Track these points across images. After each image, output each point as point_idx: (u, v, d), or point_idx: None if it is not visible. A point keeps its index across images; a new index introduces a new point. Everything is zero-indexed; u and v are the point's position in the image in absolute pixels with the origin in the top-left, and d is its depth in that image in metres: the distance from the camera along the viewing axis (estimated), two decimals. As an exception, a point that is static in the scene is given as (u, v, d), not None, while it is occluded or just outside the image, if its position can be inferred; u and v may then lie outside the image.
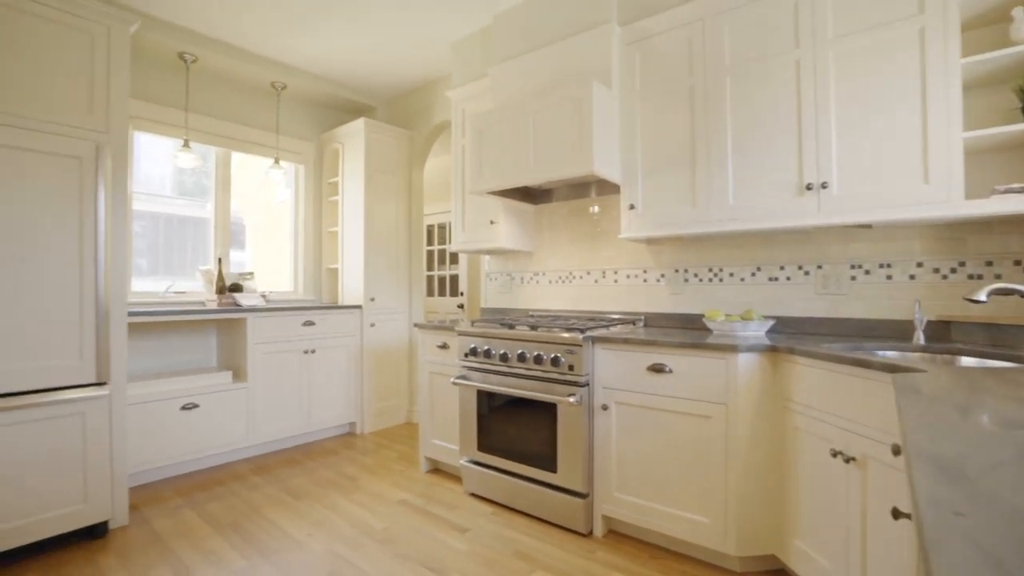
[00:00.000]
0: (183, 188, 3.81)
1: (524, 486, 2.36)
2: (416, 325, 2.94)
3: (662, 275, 2.60)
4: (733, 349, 1.81)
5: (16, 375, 1.99)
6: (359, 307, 3.69)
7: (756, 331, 2.10)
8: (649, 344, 2.00)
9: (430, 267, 5.82)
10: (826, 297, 2.16)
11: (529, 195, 2.89)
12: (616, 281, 2.77)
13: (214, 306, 3.17)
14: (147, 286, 3.32)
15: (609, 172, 2.32)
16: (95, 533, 2.23)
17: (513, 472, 2.42)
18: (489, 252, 3.17)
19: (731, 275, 2.40)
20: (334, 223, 4.08)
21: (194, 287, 3.46)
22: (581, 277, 2.91)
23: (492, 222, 2.86)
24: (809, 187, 1.90)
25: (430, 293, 5.82)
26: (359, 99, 4.05)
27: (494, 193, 2.68)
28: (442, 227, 5.74)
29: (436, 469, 3.00)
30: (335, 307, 3.57)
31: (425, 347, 2.91)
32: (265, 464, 3.12)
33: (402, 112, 4.17)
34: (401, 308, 3.99)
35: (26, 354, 2.01)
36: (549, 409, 2.26)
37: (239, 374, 3.18)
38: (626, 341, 2.06)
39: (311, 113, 4.12)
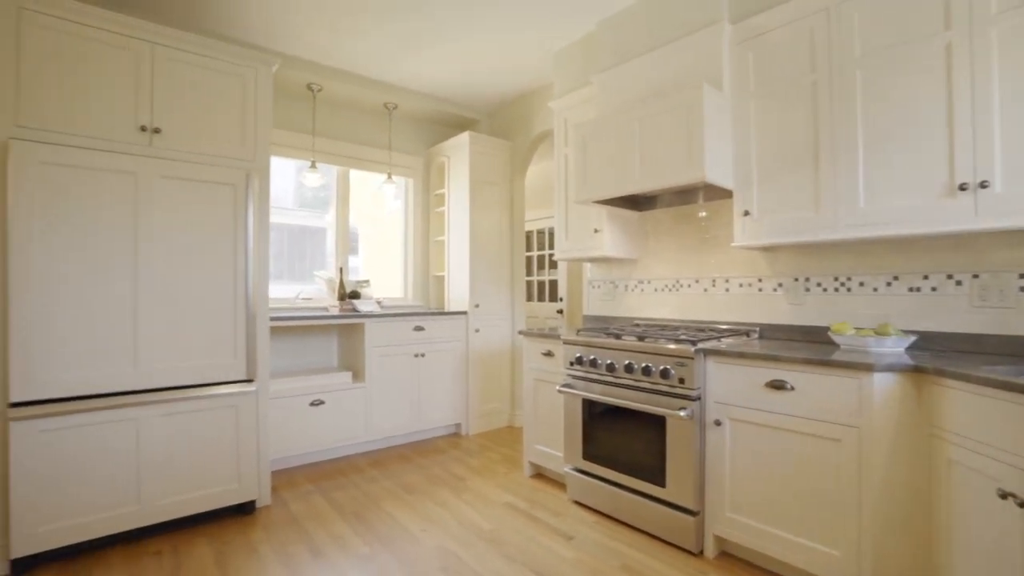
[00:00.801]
0: (303, 200, 4.24)
1: (630, 498, 2.32)
2: (521, 333, 3.01)
3: (779, 284, 2.44)
4: (868, 368, 1.66)
5: (188, 371, 2.34)
6: (464, 313, 3.86)
7: (894, 348, 1.89)
8: (768, 359, 1.89)
9: (529, 272, 5.92)
10: (985, 311, 1.89)
11: (633, 202, 2.85)
12: (727, 290, 2.64)
13: (336, 312, 3.49)
14: (274, 292, 3.73)
15: (721, 178, 2.22)
16: (245, 510, 2.55)
17: (618, 483, 2.40)
18: (593, 260, 3.17)
19: (861, 285, 2.19)
20: (440, 232, 4.30)
21: (309, 290, 3.82)
22: (689, 285, 2.81)
23: (596, 230, 2.86)
24: (963, 187, 1.69)
25: (529, 298, 5.92)
26: (463, 113, 4.24)
27: (598, 202, 2.67)
28: (541, 232, 5.81)
29: (539, 474, 3.05)
30: (443, 313, 3.76)
31: (530, 354, 2.98)
32: (380, 459, 3.37)
33: (503, 123, 4.30)
34: (504, 314, 4.10)
35: (196, 353, 2.36)
36: (657, 422, 2.21)
37: (358, 374, 3.46)
38: (742, 355, 1.96)
39: (419, 129, 4.38)
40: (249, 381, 2.49)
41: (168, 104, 2.37)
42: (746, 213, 2.25)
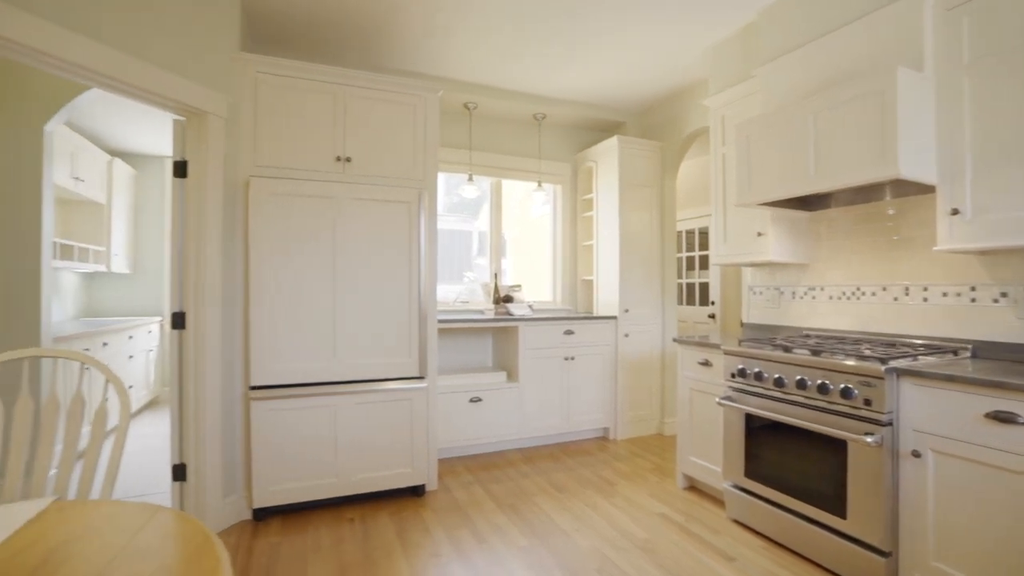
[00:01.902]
0: (449, 206, 4.59)
1: (801, 525, 2.14)
2: (676, 340, 2.93)
3: (1002, 294, 2.03)
4: None
5: (373, 367, 2.70)
6: (614, 318, 3.86)
7: None
8: (992, 385, 1.60)
9: (677, 275, 5.69)
10: None
11: (803, 202, 2.59)
12: (925, 299, 2.28)
13: (491, 315, 3.73)
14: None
15: (920, 173, 1.93)
16: (417, 492, 2.86)
17: (787, 507, 2.22)
18: (755, 265, 2.96)
19: None
20: (588, 237, 4.35)
21: (458, 290, 4.11)
22: (874, 293, 2.48)
23: (759, 234, 2.67)
24: None
25: (677, 301, 5.69)
26: (610, 117, 4.23)
27: (763, 204, 2.49)
28: (691, 232, 5.55)
29: (693, 487, 2.94)
30: (592, 317, 3.81)
31: (685, 362, 2.88)
32: (531, 456, 3.53)
33: (652, 124, 4.20)
34: (654, 319, 4.01)
35: (379, 352, 2.71)
36: (836, 445, 2.00)
37: (512, 375, 3.66)
38: (951, 378, 1.69)
39: (567, 136, 4.47)
40: (421, 378, 2.79)
41: (356, 136, 2.76)
42: (955, 212, 1.92)
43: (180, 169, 2.44)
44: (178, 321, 2.41)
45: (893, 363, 1.86)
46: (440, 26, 2.93)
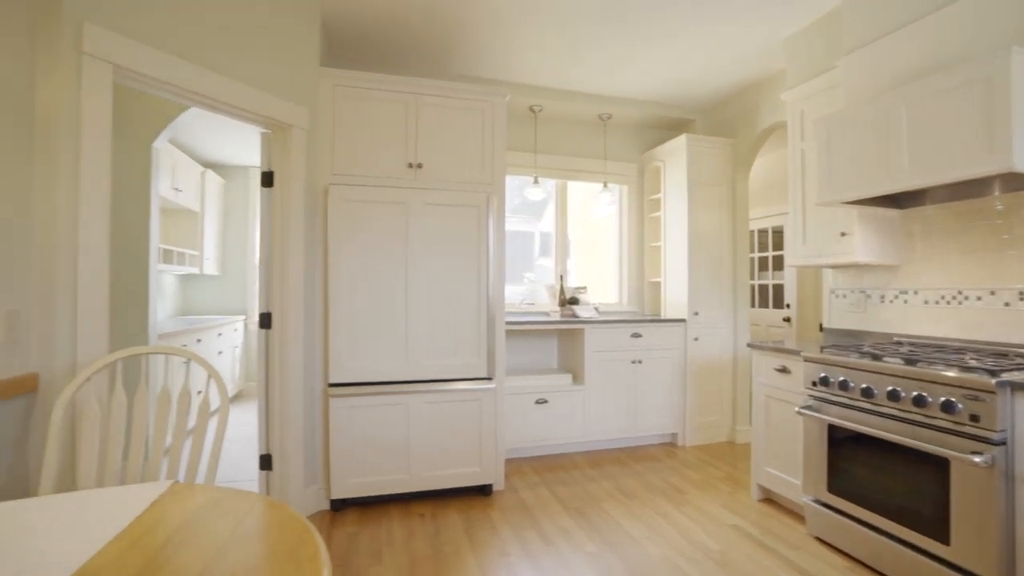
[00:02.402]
0: (511, 207, 4.61)
1: (892, 547, 1.99)
2: (750, 345, 2.81)
3: None
4: None
5: (443, 367, 2.77)
6: (683, 321, 3.75)
7: None
8: (1123, 402, 1.42)
9: (750, 276, 5.44)
10: None
11: (893, 200, 2.41)
12: (1043, 304, 2.06)
13: (557, 317, 3.73)
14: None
15: (1038, 163, 1.75)
16: (484, 491, 2.91)
17: (875, 526, 2.07)
18: (837, 267, 2.78)
19: None
20: (656, 238, 4.25)
21: (521, 291, 4.13)
22: (979, 298, 2.26)
23: (843, 234, 2.51)
24: None
25: (750, 303, 5.44)
26: (677, 115, 4.11)
27: (848, 202, 2.34)
28: (763, 232, 5.29)
29: (769, 499, 2.81)
30: (660, 320, 3.72)
31: (760, 368, 2.76)
32: (597, 459, 3.49)
33: (722, 121, 4.04)
34: (725, 322, 3.86)
35: (448, 353, 2.79)
36: (936, 463, 1.84)
37: (577, 377, 3.64)
38: (1075, 394, 1.52)
39: (632, 136, 4.39)
40: (489, 379, 2.84)
41: (427, 143, 2.85)
42: (1081, 207, 1.72)
43: (267, 179, 2.62)
44: (265, 321, 2.58)
45: (1006, 376, 1.69)
46: (506, 31, 2.97)
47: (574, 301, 3.84)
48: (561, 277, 4.01)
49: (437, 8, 2.74)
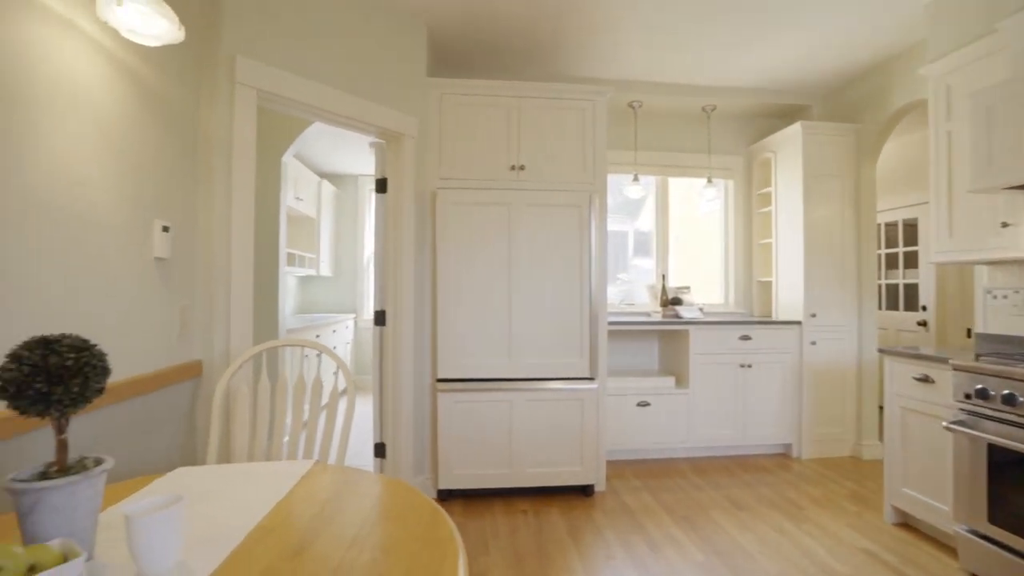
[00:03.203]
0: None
1: (1077, 591, 1.69)
2: (882, 351, 2.54)
3: None
4: None
5: (545, 366, 2.80)
6: (798, 323, 3.48)
7: None
8: None
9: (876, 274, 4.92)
10: None
11: (1074, 181, 2.06)
12: None
13: (659, 317, 3.61)
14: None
15: None
16: (585, 492, 2.89)
17: (1053, 565, 1.78)
18: (996, 263, 2.43)
19: None
20: (766, 235, 3.98)
21: (614, 293, 4.03)
22: None
23: (1005, 224, 2.18)
24: None
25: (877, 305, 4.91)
26: (791, 101, 3.82)
27: (1011, 188, 2.04)
28: (891, 225, 4.76)
29: (905, 524, 2.52)
30: (772, 322, 3.48)
31: (895, 377, 2.49)
32: (702, 467, 3.34)
33: (843, 104, 3.69)
34: (847, 325, 3.52)
35: (550, 351, 2.80)
36: None
37: (681, 380, 3.51)
38: None
39: (739, 127, 4.15)
40: (591, 379, 2.82)
41: (529, 144, 2.89)
42: None
43: (381, 185, 2.80)
44: (380, 318, 2.76)
45: None
46: (606, 26, 2.93)
47: (677, 301, 3.71)
48: (663, 276, 3.88)
49: (537, 13, 2.77)
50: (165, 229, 1.72)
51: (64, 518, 0.77)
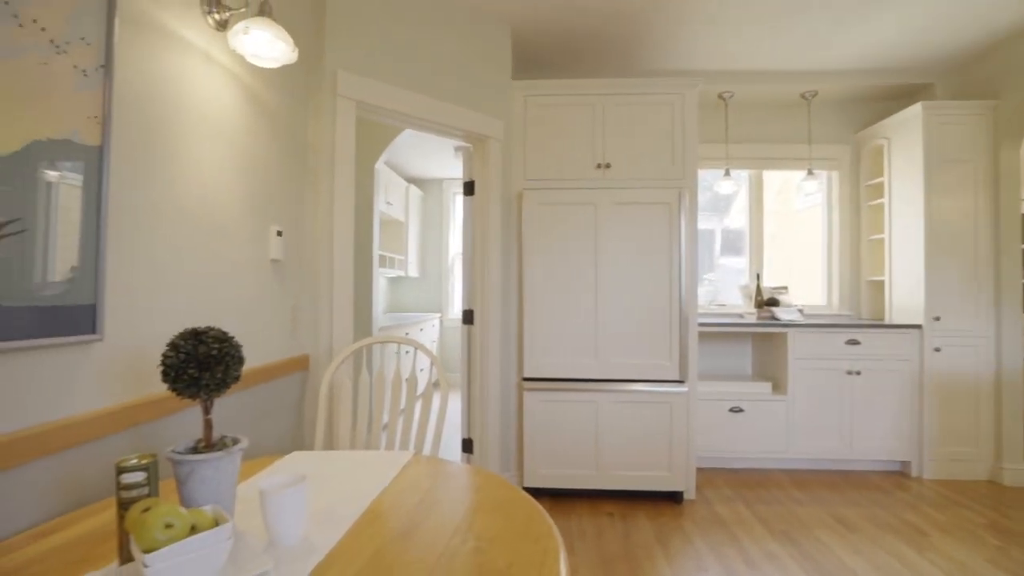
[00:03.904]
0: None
1: None
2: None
3: None
4: None
5: (633, 367, 2.74)
6: (918, 327, 3.13)
7: None
8: None
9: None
10: None
11: None
12: None
13: (752, 319, 3.41)
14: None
15: None
16: (674, 499, 2.79)
17: None
18: None
19: None
20: (876, 230, 3.63)
21: (700, 292, 3.82)
22: None
23: None
24: None
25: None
26: (907, 80, 3.45)
27: None
28: (1035, 218, 4.14)
29: (1060, 560, 2.18)
30: (885, 326, 3.16)
31: (1041, 389, 2.16)
32: (803, 480, 3.10)
33: (975, 81, 3.28)
34: (981, 330, 3.11)
35: (638, 352, 2.74)
36: None
37: (778, 386, 3.29)
38: None
39: (844, 113, 3.82)
40: (680, 382, 2.72)
41: (614, 142, 2.84)
42: None
43: (469, 188, 2.88)
44: (468, 317, 2.84)
45: None
46: (695, 15, 2.81)
47: (773, 302, 3.48)
48: (757, 276, 3.66)
49: (624, 6, 2.71)
50: (279, 233, 1.88)
51: (211, 488, 0.86)
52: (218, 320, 1.54)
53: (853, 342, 3.16)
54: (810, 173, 3.60)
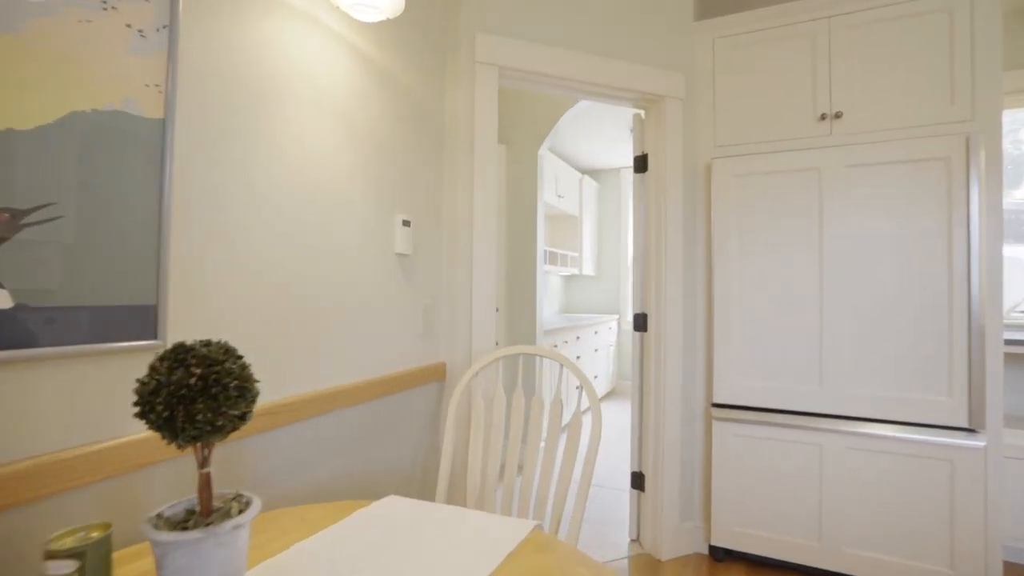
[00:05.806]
0: None
1: None
2: None
3: None
4: None
5: (879, 402, 1.88)
6: None
7: None
8: None
9: None
10: None
11: None
12: None
13: (1104, 335, 2.16)
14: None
15: None
16: (957, 605, 1.84)
17: None
18: None
19: None
20: None
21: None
22: None
23: None
24: None
25: None
26: None
27: None
28: None
29: None
30: None
31: None
32: None
33: None
34: None
35: (889, 382, 1.87)
36: None
37: None
38: None
39: None
40: (971, 431, 1.77)
41: (847, 80, 2.01)
42: None
43: (640, 163, 2.33)
44: (640, 323, 2.30)
45: None
46: None
47: None
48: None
49: None
50: (406, 223, 1.63)
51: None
52: (322, 325, 1.32)
53: None
54: None
